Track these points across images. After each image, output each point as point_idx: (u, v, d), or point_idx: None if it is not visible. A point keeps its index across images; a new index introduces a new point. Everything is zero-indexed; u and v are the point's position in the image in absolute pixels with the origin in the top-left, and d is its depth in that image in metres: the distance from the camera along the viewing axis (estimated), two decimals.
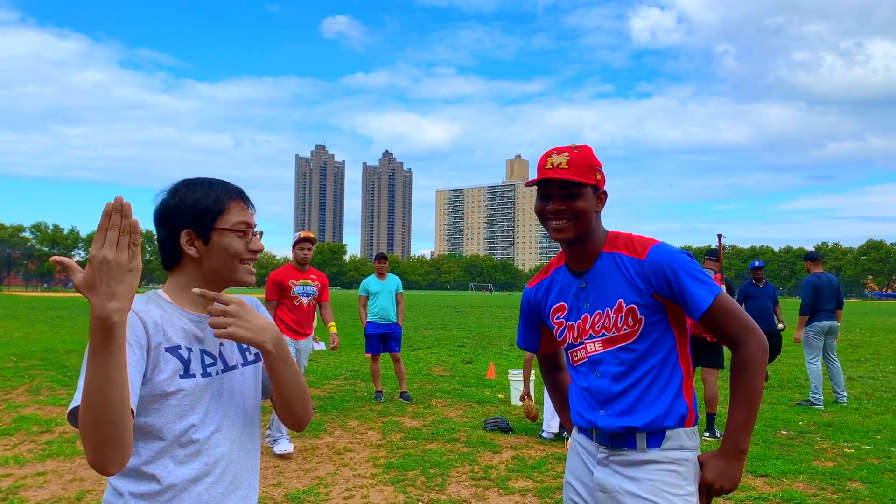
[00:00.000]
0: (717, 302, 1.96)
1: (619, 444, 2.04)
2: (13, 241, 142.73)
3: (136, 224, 1.24)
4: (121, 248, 1.22)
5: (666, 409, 2.00)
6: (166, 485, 1.52)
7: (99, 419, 1.28)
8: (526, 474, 5.71)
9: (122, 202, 1.22)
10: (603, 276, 2.06)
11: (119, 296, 1.23)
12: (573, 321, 2.14)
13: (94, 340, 1.25)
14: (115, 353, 1.26)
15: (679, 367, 2.05)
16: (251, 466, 1.69)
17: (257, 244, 1.66)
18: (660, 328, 2.02)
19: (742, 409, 1.95)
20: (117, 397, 1.28)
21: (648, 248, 2.01)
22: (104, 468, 1.33)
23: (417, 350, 15.89)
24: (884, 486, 5.38)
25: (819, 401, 9.02)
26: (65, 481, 5.41)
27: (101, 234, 1.22)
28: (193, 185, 1.64)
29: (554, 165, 2.02)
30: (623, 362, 2.03)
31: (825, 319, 9.25)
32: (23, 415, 7.91)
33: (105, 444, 1.30)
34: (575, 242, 2.07)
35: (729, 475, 1.96)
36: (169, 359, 1.54)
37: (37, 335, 18.65)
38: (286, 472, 5.72)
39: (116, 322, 1.24)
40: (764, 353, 1.96)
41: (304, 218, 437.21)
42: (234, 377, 1.66)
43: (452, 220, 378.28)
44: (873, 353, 16.65)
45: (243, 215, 1.64)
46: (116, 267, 1.22)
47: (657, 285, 1.99)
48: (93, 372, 1.26)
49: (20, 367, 12.04)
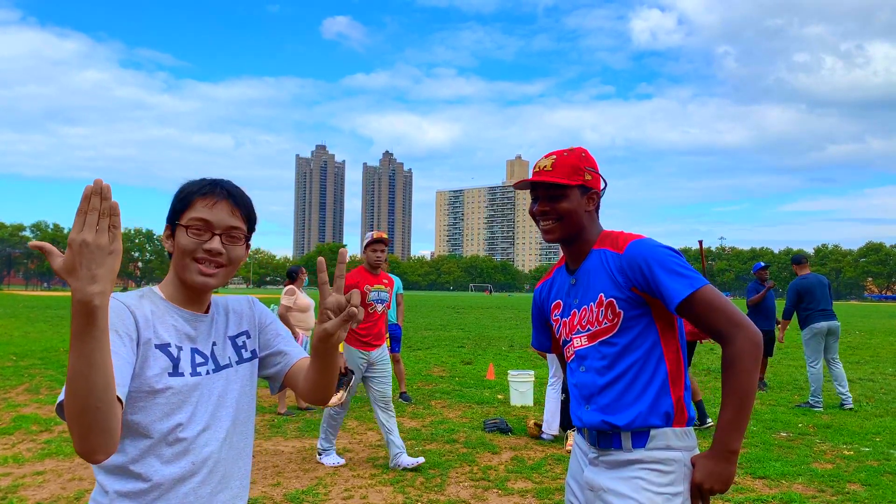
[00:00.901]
0: (696, 295, 1.92)
1: (605, 444, 2.05)
2: (13, 241, 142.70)
3: (115, 206, 1.22)
4: (101, 230, 1.19)
5: (649, 406, 1.99)
6: (152, 484, 1.50)
7: (84, 405, 1.26)
8: (525, 475, 5.71)
9: (102, 184, 1.20)
10: (589, 272, 2.10)
11: (100, 279, 1.20)
12: (565, 318, 2.18)
13: (76, 325, 1.22)
14: (97, 337, 1.23)
15: (663, 364, 2.02)
16: (242, 466, 1.68)
17: (211, 245, 1.58)
18: (641, 323, 2.02)
19: (731, 408, 1.90)
20: (101, 382, 1.26)
21: (628, 242, 2.04)
22: (91, 455, 1.32)
23: (417, 351, 15.89)
24: (883, 489, 5.38)
25: (819, 403, 9.00)
26: (64, 480, 5.41)
27: (80, 217, 1.19)
28: (189, 182, 1.65)
29: (540, 168, 2.10)
30: (605, 356, 2.04)
31: (822, 321, 9.12)
32: (22, 414, 7.92)
33: (91, 431, 1.29)
34: (567, 241, 2.12)
35: (719, 476, 1.92)
36: (158, 356, 1.53)
37: (37, 334, 18.66)
38: (285, 472, 5.72)
39: (98, 305, 1.20)
40: (756, 350, 1.90)
41: (304, 218, 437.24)
42: (225, 377, 1.65)
43: (452, 221, 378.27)
44: (872, 355, 16.64)
45: (204, 212, 1.58)
46: (97, 249, 1.19)
47: (634, 279, 1.99)
48: (76, 357, 1.23)
49: (20, 366, 12.05)
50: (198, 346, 1.61)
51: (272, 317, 1.81)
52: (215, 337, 1.67)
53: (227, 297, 1.78)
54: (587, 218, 2.10)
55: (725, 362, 1.94)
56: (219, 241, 1.59)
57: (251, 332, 1.75)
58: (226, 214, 1.60)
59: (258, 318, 1.78)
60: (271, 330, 1.79)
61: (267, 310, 1.83)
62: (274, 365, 1.77)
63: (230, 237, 1.61)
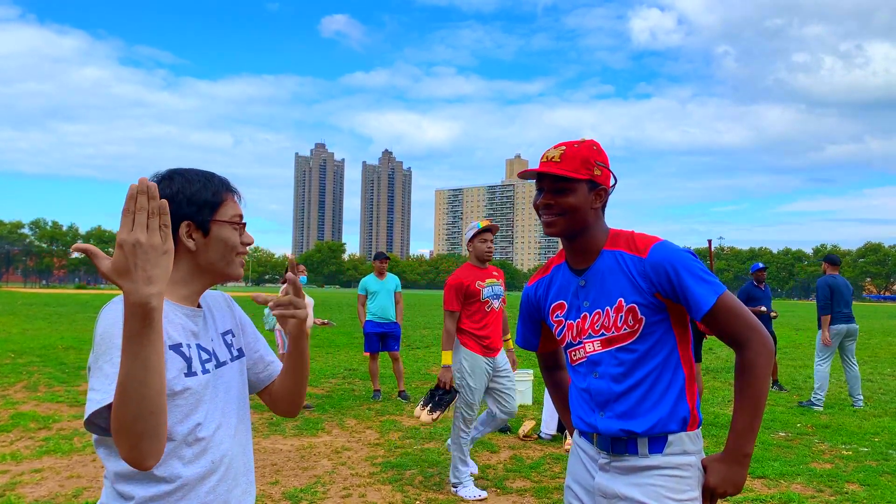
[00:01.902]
0: (721, 301, 1.90)
1: (620, 450, 1.99)
2: (12, 238, 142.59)
3: (164, 205, 1.21)
4: (152, 230, 1.19)
5: (668, 412, 1.95)
6: (175, 486, 1.49)
7: (139, 411, 1.24)
8: (524, 474, 5.71)
9: (148, 183, 1.18)
10: (603, 274, 2.01)
11: (156, 279, 1.19)
12: (572, 320, 2.09)
13: (130, 328, 1.20)
14: (153, 340, 1.22)
15: (681, 369, 1.99)
16: (247, 462, 1.68)
17: (248, 237, 1.66)
18: (661, 329, 1.97)
19: (746, 412, 1.90)
20: (157, 386, 1.25)
21: (651, 245, 1.96)
22: (142, 462, 1.30)
23: (416, 349, 15.88)
24: (881, 489, 5.38)
25: (820, 402, 9.05)
26: (62, 478, 5.40)
27: (128, 217, 1.17)
28: (189, 175, 1.61)
29: (548, 159, 1.99)
30: (622, 363, 1.98)
31: (842, 322, 9.23)
32: (20, 411, 7.90)
33: (144, 438, 1.26)
34: (571, 237, 2.03)
35: (732, 479, 1.92)
36: (172, 357, 1.50)
37: (35, 332, 18.63)
38: (284, 470, 5.72)
39: (155, 307, 1.20)
40: (770, 355, 1.91)
41: (303, 217, 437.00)
42: (226, 372, 1.64)
43: (451, 220, 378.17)
44: (871, 355, 16.64)
45: (237, 208, 1.65)
46: (151, 250, 1.18)
47: (658, 284, 1.93)
48: (130, 361, 1.21)
49: (18, 363, 12.03)
50: (201, 343, 1.60)
51: (248, 318, 1.82)
52: (212, 333, 1.66)
53: (205, 293, 1.73)
54: (593, 215, 2.01)
55: (741, 367, 1.92)
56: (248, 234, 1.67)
57: (234, 331, 1.74)
58: (240, 207, 1.68)
59: (238, 318, 1.77)
60: (250, 332, 1.79)
61: (243, 313, 1.82)
62: (258, 372, 1.77)
63: None
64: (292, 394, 1.74)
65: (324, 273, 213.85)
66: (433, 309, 39.46)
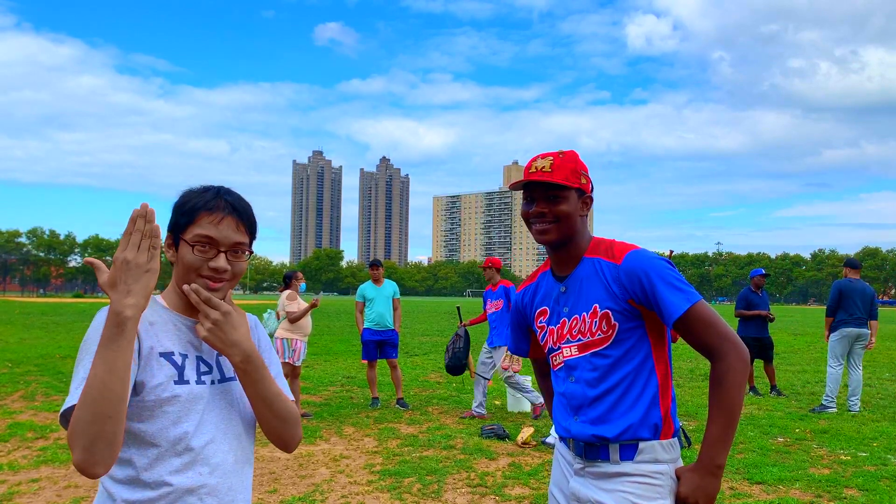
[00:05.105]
0: (694, 310, 1.92)
1: (593, 456, 2.02)
2: (9, 247, 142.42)
3: (156, 229, 1.38)
4: (141, 250, 1.36)
5: (640, 418, 1.97)
6: (159, 493, 1.50)
7: (97, 413, 1.30)
8: (522, 481, 5.70)
9: (147, 209, 1.37)
10: (581, 280, 2.06)
11: (135, 293, 1.35)
12: (553, 325, 2.14)
13: (106, 333, 1.32)
14: (123, 347, 1.33)
15: (655, 376, 2.01)
16: (245, 479, 1.67)
17: (217, 263, 1.55)
18: (635, 335, 2.00)
19: (719, 423, 1.90)
20: (119, 392, 1.32)
21: (626, 252, 2.00)
22: (91, 468, 1.32)
23: (414, 356, 15.88)
24: (880, 494, 5.38)
25: (832, 404, 9.17)
26: (59, 488, 5.38)
27: (125, 238, 1.35)
28: (190, 190, 1.63)
29: (538, 169, 2.04)
30: (596, 368, 2.01)
31: (854, 326, 9.27)
32: (18, 421, 7.89)
33: (98, 441, 1.31)
34: (558, 246, 2.07)
35: (704, 490, 1.90)
36: (162, 363, 1.52)
37: (32, 341, 18.60)
38: (282, 478, 5.71)
39: (129, 316, 1.33)
40: (745, 366, 1.91)
41: (300, 224, 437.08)
42: (231, 389, 1.63)
43: (449, 227, 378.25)
44: (869, 360, 16.65)
45: (210, 229, 1.55)
46: (135, 267, 1.35)
47: (632, 291, 1.96)
48: (99, 364, 1.31)
49: (15, 372, 12.00)
50: (203, 355, 1.61)
51: (268, 343, 1.80)
52: None
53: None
54: (580, 223, 2.07)
55: (715, 378, 1.93)
56: (224, 259, 1.57)
57: None
58: (231, 231, 1.58)
59: (257, 342, 1.75)
60: (266, 357, 1.75)
61: (266, 336, 1.80)
62: None
63: (234, 254, 1.59)
64: (269, 433, 1.64)
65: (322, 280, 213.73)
66: (431, 316, 39.44)
